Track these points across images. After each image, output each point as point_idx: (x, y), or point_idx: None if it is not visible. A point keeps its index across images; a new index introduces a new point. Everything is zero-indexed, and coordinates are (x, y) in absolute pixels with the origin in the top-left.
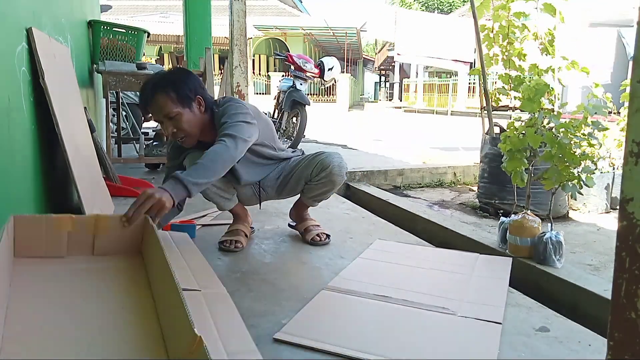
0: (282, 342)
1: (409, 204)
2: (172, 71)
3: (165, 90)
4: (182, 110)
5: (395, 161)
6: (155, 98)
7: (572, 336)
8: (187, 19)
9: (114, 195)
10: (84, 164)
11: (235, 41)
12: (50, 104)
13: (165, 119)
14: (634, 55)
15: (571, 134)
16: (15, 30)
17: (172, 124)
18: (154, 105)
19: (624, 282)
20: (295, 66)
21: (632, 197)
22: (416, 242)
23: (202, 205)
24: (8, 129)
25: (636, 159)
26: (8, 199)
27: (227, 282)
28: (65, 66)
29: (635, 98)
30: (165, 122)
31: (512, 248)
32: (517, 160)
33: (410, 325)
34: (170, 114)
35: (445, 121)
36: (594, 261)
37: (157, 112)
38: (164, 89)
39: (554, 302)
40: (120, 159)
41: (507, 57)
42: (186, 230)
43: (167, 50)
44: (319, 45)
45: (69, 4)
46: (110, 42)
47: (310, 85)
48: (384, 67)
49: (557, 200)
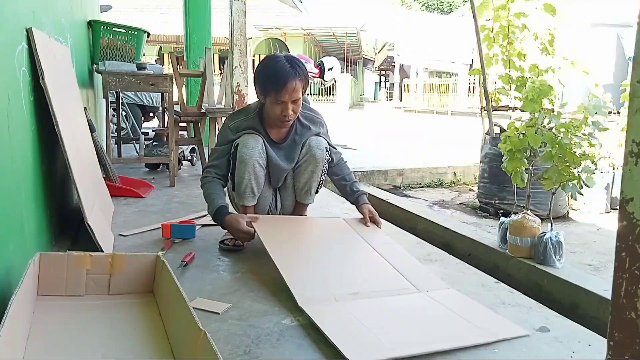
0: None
1: (409, 204)
2: (295, 57)
3: (301, 75)
4: (302, 97)
5: (395, 161)
6: (295, 81)
7: (572, 336)
8: (187, 19)
9: (114, 195)
10: (84, 164)
11: (235, 41)
12: (50, 104)
13: (291, 101)
14: (634, 55)
15: (572, 134)
16: (15, 30)
17: (292, 107)
18: (291, 87)
19: (624, 282)
20: None
21: (632, 197)
22: (416, 242)
23: (202, 205)
24: (8, 129)
25: (636, 159)
26: (8, 199)
27: (227, 282)
28: (65, 66)
29: (635, 98)
30: (289, 104)
31: (512, 248)
32: (517, 160)
33: (408, 314)
34: (297, 99)
35: (446, 121)
36: (594, 261)
37: (289, 93)
38: (303, 77)
39: (554, 302)
40: (120, 159)
41: (507, 57)
42: (186, 230)
43: (167, 50)
44: (319, 45)
45: (69, 4)
46: (110, 42)
47: (310, 85)
48: (384, 67)
49: (557, 200)
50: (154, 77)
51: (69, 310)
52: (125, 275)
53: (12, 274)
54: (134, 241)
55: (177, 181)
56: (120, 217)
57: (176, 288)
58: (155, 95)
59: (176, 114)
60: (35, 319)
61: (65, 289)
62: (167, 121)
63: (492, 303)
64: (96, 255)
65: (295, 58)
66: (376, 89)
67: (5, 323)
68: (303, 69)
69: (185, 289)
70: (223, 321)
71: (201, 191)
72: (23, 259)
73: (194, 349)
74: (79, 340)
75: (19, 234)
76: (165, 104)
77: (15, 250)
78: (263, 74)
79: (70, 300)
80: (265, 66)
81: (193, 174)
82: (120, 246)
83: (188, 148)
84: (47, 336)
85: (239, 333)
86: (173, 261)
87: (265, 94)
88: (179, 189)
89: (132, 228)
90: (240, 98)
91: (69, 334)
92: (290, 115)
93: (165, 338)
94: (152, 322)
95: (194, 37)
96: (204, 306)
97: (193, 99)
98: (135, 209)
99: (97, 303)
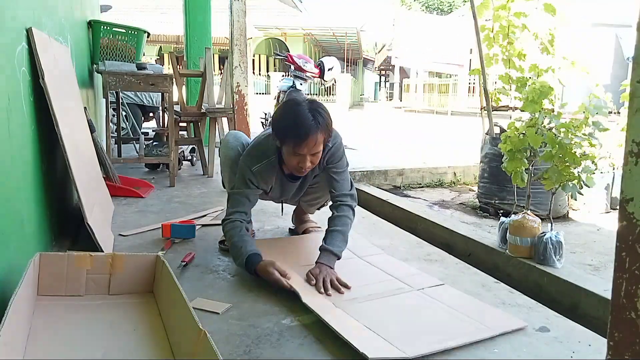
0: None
1: (409, 204)
2: (320, 106)
3: (326, 130)
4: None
5: (395, 161)
6: (317, 135)
7: (572, 336)
8: (187, 19)
9: (114, 195)
10: (84, 164)
11: (235, 41)
12: (50, 104)
13: (310, 154)
14: (634, 55)
15: (572, 134)
16: (15, 30)
17: (311, 160)
18: (312, 140)
19: (624, 282)
20: (295, 66)
21: (632, 197)
22: (416, 242)
23: (202, 205)
24: (8, 129)
25: (636, 159)
26: (8, 199)
27: (227, 282)
28: (65, 66)
29: (635, 98)
30: (307, 157)
31: (512, 248)
32: (517, 160)
33: (409, 312)
34: (318, 153)
35: (446, 121)
36: (594, 261)
37: (309, 147)
38: (326, 129)
39: (554, 302)
40: (120, 159)
41: (507, 57)
42: (186, 230)
43: (167, 50)
44: (319, 45)
45: (69, 4)
46: (110, 42)
47: (310, 85)
48: (384, 67)
49: (557, 200)
50: (154, 77)
51: (69, 310)
52: (125, 275)
53: (12, 274)
54: (134, 241)
55: (177, 181)
56: (120, 217)
57: (176, 288)
58: (155, 95)
59: (176, 114)
60: (35, 319)
61: (65, 289)
62: (167, 121)
63: (492, 303)
64: (96, 255)
65: (318, 106)
66: (376, 89)
67: (5, 323)
68: (325, 118)
69: (185, 289)
70: (223, 321)
71: (201, 191)
72: (23, 259)
73: (194, 349)
74: (79, 340)
75: (19, 234)
76: (165, 104)
77: (15, 250)
78: (283, 122)
79: (70, 300)
80: (286, 113)
81: (193, 174)
82: (120, 246)
83: (188, 148)
84: (47, 336)
85: (239, 333)
86: (173, 261)
87: (283, 143)
88: (179, 189)
89: (132, 228)
90: (240, 98)
91: (69, 334)
92: (307, 167)
93: (165, 338)
94: (152, 322)
95: (194, 37)
96: (204, 306)
97: (193, 99)
98: (135, 209)
99: (97, 303)
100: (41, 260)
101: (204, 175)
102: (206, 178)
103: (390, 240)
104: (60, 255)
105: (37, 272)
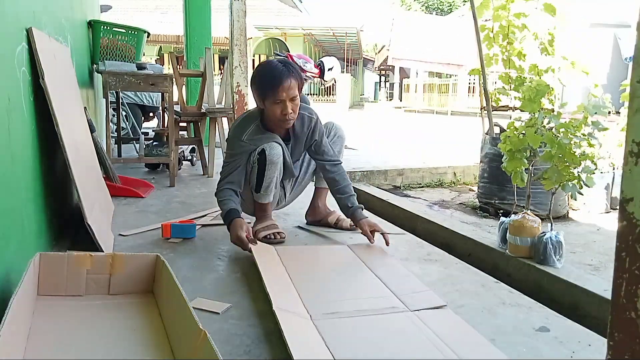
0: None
1: (409, 204)
2: (292, 62)
3: (295, 75)
4: (298, 94)
5: (395, 161)
6: (290, 80)
7: (572, 336)
8: (187, 19)
9: (114, 195)
10: (84, 164)
11: (235, 41)
12: (50, 104)
13: (289, 99)
14: (634, 55)
15: (571, 134)
16: (15, 30)
17: (291, 106)
18: (287, 86)
19: (624, 282)
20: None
21: (632, 197)
22: (416, 242)
23: (202, 205)
24: (8, 129)
25: (636, 159)
26: (8, 199)
27: (227, 282)
28: (65, 66)
29: (635, 98)
30: (287, 102)
31: (512, 248)
32: (517, 160)
33: (392, 334)
34: (295, 97)
35: (446, 121)
36: (594, 261)
37: (288, 92)
38: (295, 74)
39: (554, 302)
40: (120, 159)
41: (507, 57)
42: (186, 230)
43: (167, 50)
44: (319, 45)
45: (69, 4)
46: (110, 42)
47: (310, 85)
48: (384, 67)
49: (557, 200)
50: (154, 77)
51: (69, 310)
52: (125, 276)
53: (12, 274)
54: (134, 241)
55: (177, 181)
56: (120, 217)
57: (176, 288)
58: (155, 95)
59: (176, 114)
60: (35, 318)
61: (66, 288)
62: (167, 121)
63: (492, 303)
64: (96, 255)
65: (287, 60)
66: (376, 89)
67: (5, 323)
68: (296, 68)
69: (185, 289)
70: (223, 321)
71: (201, 191)
72: (23, 259)
73: (194, 349)
74: (79, 340)
75: (19, 234)
76: (165, 104)
77: (15, 250)
78: (259, 78)
79: (70, 300)
80: (259, 71)
81: (193, 174)
82: (120, 246)
83: (188, 148)
84: (47, 336)
85: (239, 333)
86: (173, 261)
87: (264, 97)
88: (179, 189)
89: (132, 228)
90: (240, 98)
91: (69, 334)
92: (290, 113)
93: (166, 338)
94: (152, 322)
95: (194, 37)
96: (204, 306)
97: (193, 99)
98: (135, 209)
99: (97, 303)
100: (41, 261)
101: (204, 175)
102: (206, 178)
103: (391, 240)
104: (60, 255)
105: (38, 272)
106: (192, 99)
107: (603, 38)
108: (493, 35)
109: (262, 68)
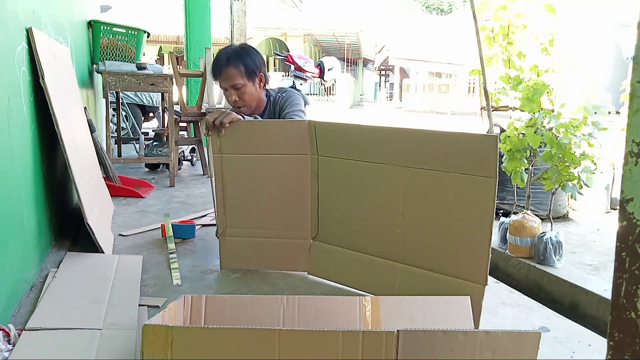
0: None
1: None
2: (243, 47)
3: (237, 63)
4: (246, 83)
5: None
6: (227, 69)
7: (572, 336)
8: (187, 19)
9: (114, 195)
10: (84, 164)
11: (235, 41)
12: (50, 104)
13: (231, 88)
14: (634, 56)
15: (571, 134)
16: (15, 30)
17: (236, 94)
18: (224, 74)
19: (624, 282)
20: (295, 66)
21: (632, 197)
22: None
23: (202, 205)
24: (8, 129)
25: (636, 159)
26: (8, 198)
27: (227, 282)
28: (65, 66)
29: (635, 98)
30: (230, 91)
31: (512, 248)
32: (517, 160)
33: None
34: (237, 85)
35: (446, 121)
36: (594, 261)
37: (225, 81)
38: (236, 63)
39: (554, 302)
40: (120, 159)
41: (507, 57)
42: (186, 230)
43: (167, 50)
44: (319, 45)
45: (69, 4)
46: (110, 42)
47: (310, 85)
48: (384, 67)
49: (557, 200)
50: (154, 77)
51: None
52: None
53: (12, 274)
54: (134, 241)
55: (177, 181)
56: (120, 217)
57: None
58: (155, 95)
59: (176, 114)
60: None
61: None
62: (167, 121)
63: (492, 303)
64: None
65: (242, 46)
66: (376, 89)
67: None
68: (243, 56)
69: (185, 289)
70: None
71: (201, 191)
72: (23, 259)
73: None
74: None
75: (19, 234)
76: (165, 104)
77: (15, 250)
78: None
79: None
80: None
81: (193, 174)
82: (120, 246)
83: (188, 148)
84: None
85: None
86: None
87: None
88: (179, 189)
89: (132, 228)
90: None
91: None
92: (234, 101)
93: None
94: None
95: (194, 37)
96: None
97: (193, 99)
98: (135, 209)
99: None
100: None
101: (204, 175)
102: (206, 178)
103: None
104: None
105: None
106: (192, 99)
107: (603, 38)
108: (493, 35)
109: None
